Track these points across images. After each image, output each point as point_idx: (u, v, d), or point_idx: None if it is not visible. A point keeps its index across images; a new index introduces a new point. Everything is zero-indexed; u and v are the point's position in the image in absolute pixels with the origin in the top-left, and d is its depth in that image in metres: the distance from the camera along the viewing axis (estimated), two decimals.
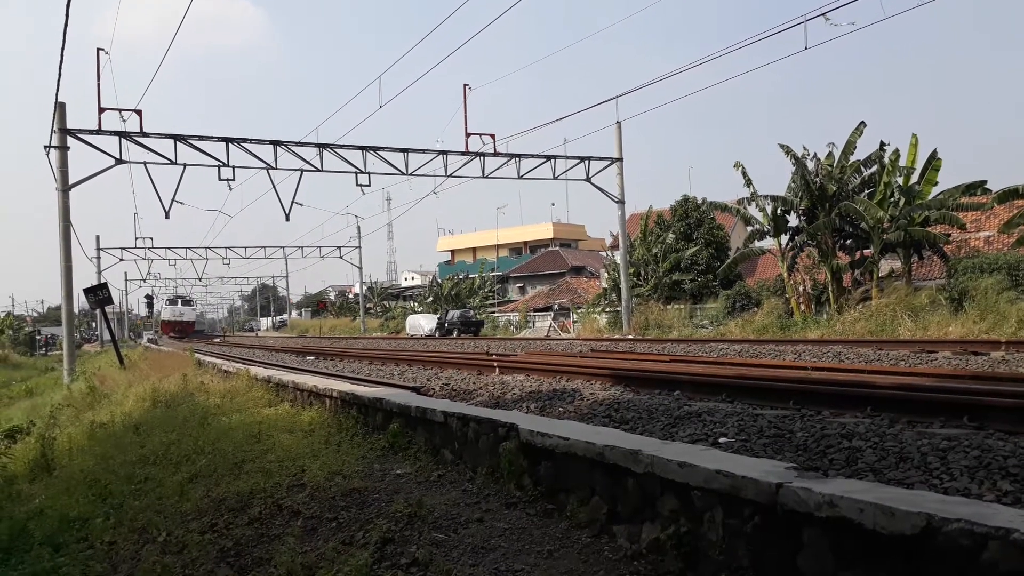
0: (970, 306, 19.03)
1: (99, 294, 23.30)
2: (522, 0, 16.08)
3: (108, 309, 25.24)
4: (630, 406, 6.52)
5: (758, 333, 23.06)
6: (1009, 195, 21.17)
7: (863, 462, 4.03)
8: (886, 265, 26.27)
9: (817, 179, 24.54)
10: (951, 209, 22.79)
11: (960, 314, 18.94)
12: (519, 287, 64.45)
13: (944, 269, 24.45)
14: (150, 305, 78.52)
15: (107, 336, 43.81)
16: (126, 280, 76.92)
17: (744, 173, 26.13)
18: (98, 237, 56.31)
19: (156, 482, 6.67)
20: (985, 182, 23.02)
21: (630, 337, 25.53)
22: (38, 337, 76.57)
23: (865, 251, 25.40)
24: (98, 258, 55.29)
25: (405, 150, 26.67)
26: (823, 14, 17.22)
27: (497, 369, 11.10)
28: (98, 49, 22.56)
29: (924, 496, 2.87)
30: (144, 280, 69.26)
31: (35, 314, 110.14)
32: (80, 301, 35.48)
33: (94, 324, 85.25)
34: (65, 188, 22.25)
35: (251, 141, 24.75)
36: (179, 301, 74.77)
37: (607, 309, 35.27)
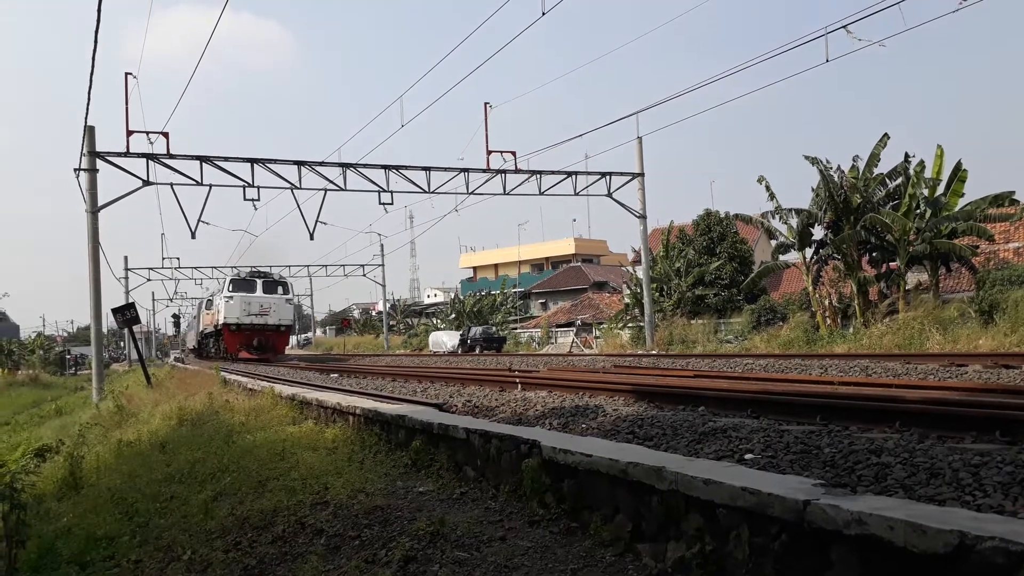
0: (1001, 318, 18.70)
1: (127, 314, 23.62)
2: (542, 18, 16.16)
3: (136, 329, 25.55)
4: (654, 422, 6.46)
5: (784, 347, 22.82)
6: None
7: (892, 478, 3.95)
8: (913, 278, 25.93)
9: (842, 191, 24.33)
10: (978, 220, 22.47)
11: (991, 327, 18.62)
12: (541, 303, 64.43)
13: (972, 281, 24.06)
14: (177, 324, 78.20)
15: (135, 355, 44.45)
16: (153, 300, 78.07)
17: (768, 187, 26.01)
18: (126, 258, 57.46)
19: (181, 500, 6.70)
20: (1013, 193, 22.71)
21: (653, 352, 25.36)
22: (67, 357, 77.72)
23: (891, 264, 25.09)
24: (126, 278, 56.30)
25: (427, 168, 26.85)
26: (844, 27, 17.14)
27: (519, 385, 11.07)
28: (126, 74, 23.03)
29: (956, 513, 2.81)
30: (171, 300, 70.28)
31: (65, 334, 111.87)
32: (109, 321, 36.15)
33: (122, 344, 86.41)
34: (94, 210, 22.65)
35: (276, 161, 25.07)
36: (259, 283, 35.67)
37: (630, 324, 35.10)
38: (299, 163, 25.41)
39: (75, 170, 23.00)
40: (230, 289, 35.26)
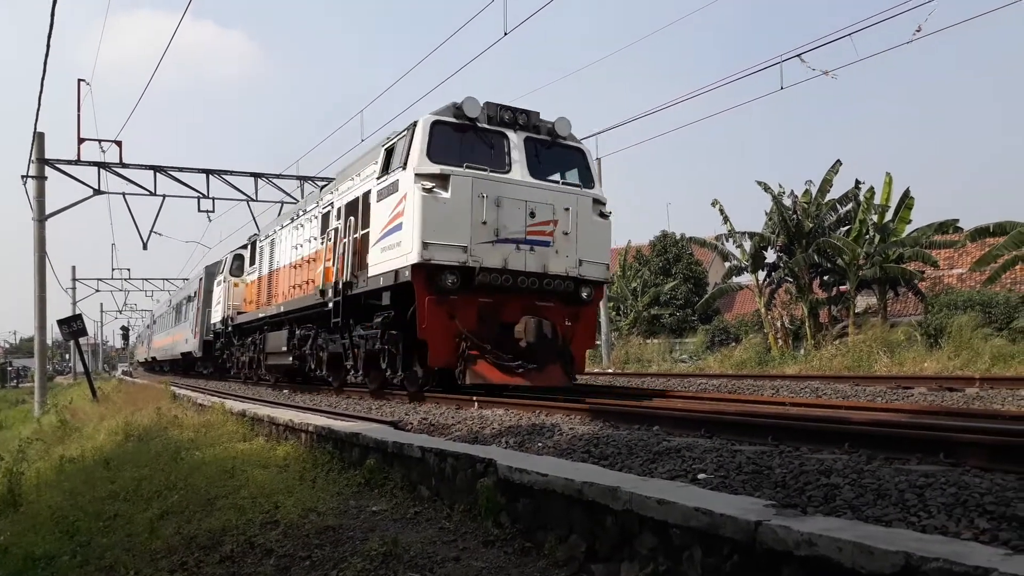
0: (945, 342, 19.24)
1: (73, 325, 22.95)
2: (503, 38, 16.29)
3: (83, 341, 24.86)
4: (609, 441, 6.47)
5: (737, 368, 23.13)
6: (981, 233, 21.59)
7: (841, 499, 4.01)
8: (862, 301, 26.59)
9: (794, 216, 24.89)
10: (924, 247, 23.19)
11: (935, 350, 19.14)
12: None
13: (919, 305, 24.78)
14: (125, 337, 76.04)
15: (80, 368, 43.22)
16: (102, 311, 76.11)
17: (722, 211, 26.48)
18: (74, 268, 55.92)
19: (126, 519, 6.51)
20: (957, 220, 23.50)
21: (610, 371, 25.50)
22: (9, 369, 75.24)
23: (842, 287, 25.69)
24: (73, 289, 54.76)
25: None
26: (799, 55, 17.57)
27: (476, 403, 11.02)
28: (79, 80, 22.57)
29: (902, 534, 2.87)
30: (120, 311, 68.67)
31: (7, 345, 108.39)
32: (54, 332, 35.13)
33: (68, 356, 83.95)
34: (42, 218, 22.07)
35: (232, 173, 24.75)
36: (513, 140, 9.94)
37: None
38: (256, 175, 25.11)
39: (23, 177, 22.41)
40: (427, 152, 9.70)
